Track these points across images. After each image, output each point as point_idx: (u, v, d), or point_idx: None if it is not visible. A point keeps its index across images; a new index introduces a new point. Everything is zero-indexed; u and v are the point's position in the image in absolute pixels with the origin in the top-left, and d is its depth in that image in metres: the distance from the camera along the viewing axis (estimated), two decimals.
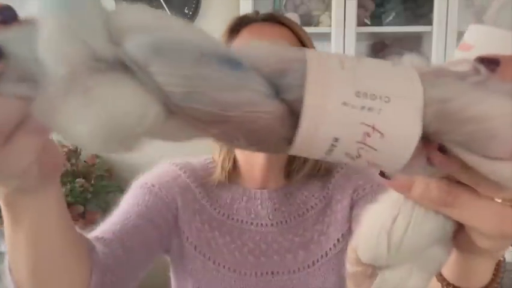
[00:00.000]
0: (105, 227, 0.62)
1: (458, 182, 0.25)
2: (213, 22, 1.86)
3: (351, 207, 0.70)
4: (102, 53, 0.21)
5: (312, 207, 0.72)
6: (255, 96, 0.22)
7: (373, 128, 0.22)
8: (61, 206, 0.41)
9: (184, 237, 0.70)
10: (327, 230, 0.70)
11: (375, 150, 0.23)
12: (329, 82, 0.22)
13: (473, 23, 0.28)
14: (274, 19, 0.69)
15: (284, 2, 1.78)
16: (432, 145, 0.24)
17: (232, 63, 0.22)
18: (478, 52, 0.24)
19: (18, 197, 0.36)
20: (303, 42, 0.69)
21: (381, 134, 0.22)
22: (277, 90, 0.23)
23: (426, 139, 0.23)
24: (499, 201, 0.26)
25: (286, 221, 0.71)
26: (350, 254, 0.31)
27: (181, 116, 0.22)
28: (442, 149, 0.23)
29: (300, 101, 0.22)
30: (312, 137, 0.22)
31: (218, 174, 0.72)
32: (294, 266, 0.69)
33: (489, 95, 0.22)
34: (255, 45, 0.24)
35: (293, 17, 1.70)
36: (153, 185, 0.70)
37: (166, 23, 0.22)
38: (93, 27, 0.21)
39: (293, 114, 0.22)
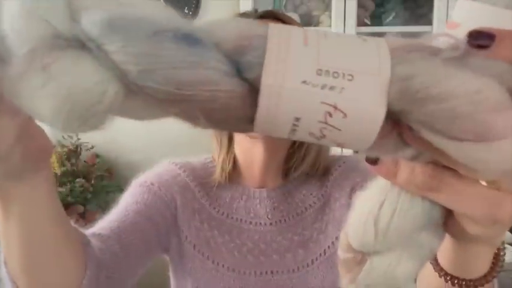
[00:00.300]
0: (103, 224, 0.62)
1: (444, 167, 0.24)
2: None
3: (349, 206, 0.69)
4: (62, 30, 0.20)
5: (310, 205, 0.72)
6: (213, 74, 0.21)
7: (335, 107, 0.21)
8: (52, 195, 0.41)
9: (183, 236, 0.70)
10: (325, 228, 0.70)
11: (339, 130, 0.22)
12: (288, 60, 0.21)
13: None
14: (271, 16, 0.69)
15: (284, 2, 1.78)
16: (404, 125, 0.22)
17: (190, 39, 0.21)
18: (465, 31, 0.22)
19: (7, 184, 0.36)
20: None
21: (344, 113, 0.21)
22: (238, 68, 0.22)
23: (396, 119, 0.22)
24: (485, 184, 0.25)
25: (285, 220, 0.71)
26: (342, 240, 0.30)
27: (141, 94, 0.21)
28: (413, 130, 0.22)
29: (260, 79, 0.21)
30: (273, 117, 0.22)
31: (218, 175, 0.72)
32: (293, 265, 0.69)
33: (459, 72, 0.21)
34: (217, 21, 0.23)
35: (293, 17, 1.70)
36: (152, 184, 0.70)
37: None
38: (53, 5, 0.21)
39: (255, 93, 0.22)
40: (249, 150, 0.70)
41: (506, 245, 1.32)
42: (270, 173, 0.72)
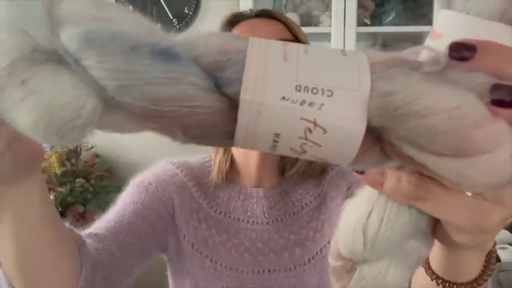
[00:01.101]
0: (100, 224, 0.62)
1: (430, 177, 0.24)
2: (213, 22, 1.86)
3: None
4: (42, 43, 0.20)
5: (306, 204, 0.72)
6: (191, 90, 0.21)
7: (314, 123, 0.21)
8: (44, 198, 0.41)
9: (182, 235, 0.70)
10: (322, 227, 0.71)
11: (319, 145, 0.22)
12: (267, 76, 0.21)
13: (444, 8, 0.27)
14: (268, 15, 0.69)
15: (284, 2, 1.78)
16: (385, 140, 0.23)
17: (168, 55, 0.21)
18: (447, 41, 0.22)
19: (0, 187, 0.36)
20: (297, 36, 0.69)
21: (324, 129, 0.21)
22: (217, 83, 0.22)
23: (378, 133, 0.22)
24: (470, 194, 0.25)
25: (281, 219, 0.71)
26: (332, 248, 0.30)
27: (119, 109, 0.21)
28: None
29: (239, 95, 0.21)
30: (253, 133, 0.22)
31: (215, 175, 0.73)
32: (290, 263, 0.69)
33: (439, 87, 0.21)
34: (197, 35, 0.23)
35: (293, 17, 1.70)
36: (150, 184, 0.70)
37: (105, 13, 0.22)
38: (34, 18, 0.21)
39: (234, 108, 0.21)
40: (246, 156, 0.71)
41: (507, 245, 1.32)
42: (266, 171, 0.72)
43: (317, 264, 0.69)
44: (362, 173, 0.27)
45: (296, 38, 0.69)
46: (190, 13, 1.82)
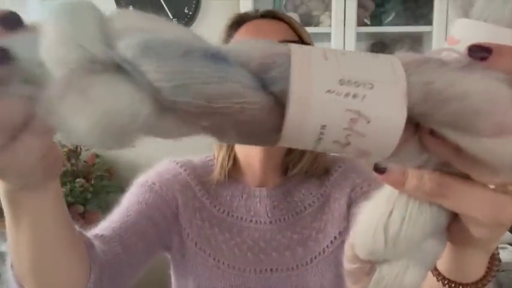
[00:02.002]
0: (105, 225, 0.63)
1: (451, 174, 0.26)
2: (213, 22, 1.86)
3: (349, 206, 0.70)
4: (97, 55, 0.22)
5: (309, 205, 0.72)
6: (240, 88, 0.23)
7: (359, 113, 0.22)
8: (60, 204, 0.42)
9: (185, 234, 0.71)
10: (324, 227, 0.71)
11: (363, 136, 0.23)
12: (312, 72, 0.23)
13: (461, 16, 0.28)
14: (272, 15, 0.70)
15: (284, 2, 1.78)
16: (424, 130, 0.24)
17: (217, 57, 0.23)
18: (464, 46, 0.24)
19: (21, 194, 0.37)
20: (301, 36, 0.69)
21: (367, 119, 0.22)
22: (263, 84, 0.24)
23: (416, 124, 0.24)
24: (493, 187, 0.26)
25: (284, 219, 0.71)
26: (347, 252, 0.31)
27: (173, 111, 0.23)
28: (433, 133, 0.24)
29: (285, 92, 0.23)
30: (300, 127, 0.23)
31: (217, 173, 0.73)
32: (292, 263, 0.69)
33: (471, 75, 0.23)
34: (241, 42, 0.26)
35: (293, 17, 1.70)
36: (154, 183, 0.71)
37: (155, 25, 0.24)
38: (89, 32, 0.23)
39: (280, 105, 0.23)
40: (248, 151, 0.71)
41: (507, 245, 1.32)
42: (269, 170, 0.72)
43: (320, 264, 0.69)
44: (383, 173, 0.28)
45: (300, 39, 0.69)
46: (190, 13, 1.82)
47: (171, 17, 1.82)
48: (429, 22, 1.70)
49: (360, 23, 1.71)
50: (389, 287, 0.28)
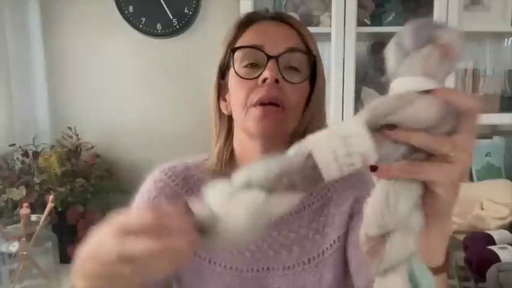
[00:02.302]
0: None
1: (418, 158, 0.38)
2: (212, 22, 1.86)
3: (350, 216, 0.70)
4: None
5: (309, 205, 0.72)
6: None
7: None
8: None
9: None
10: (322, 229, 0.71)
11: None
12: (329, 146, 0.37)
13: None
14: (282, 18, 0.70)
15: (284, 2, 1.78)
16: (385, 131, 0.37)
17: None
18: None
19: None
20: (308, 45, 0.70)
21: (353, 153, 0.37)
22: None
23: (380, 131, 0.37)
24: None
25: (281, 217, 0.71)
26: (361, 238, 0.41)
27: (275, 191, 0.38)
28: (391, 128, 0.37)
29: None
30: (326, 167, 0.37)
31: (212, 163, 0.73)
32: (288, 261, 0.69)
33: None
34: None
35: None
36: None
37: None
38: (254, 197, 0.38)
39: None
40: (247, 146, 0.71)
41: (506, 245, 1.32)
42: None
43: (319, 265, 0.69)
44: (375, 169, 0.38)
45: (307, 47, 0.69)
46: (190, 13, 1.82)
47: (171, 17, 1.82)
48: None
49: (360, 23, 1.71)
50: (398, 250, 0.38)
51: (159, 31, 1.83)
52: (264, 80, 0.64)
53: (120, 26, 1.83)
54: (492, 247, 1.30)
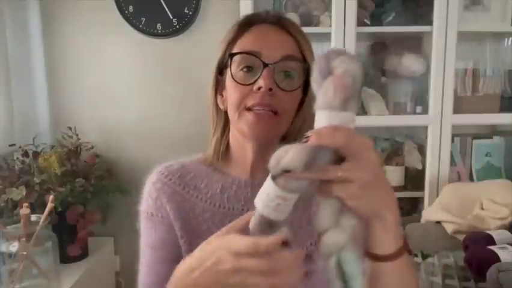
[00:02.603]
0: (154, 279, 0.72)
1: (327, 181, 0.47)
2: (212, 22, 1.86)
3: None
4: None
5: (300, 197, 0.74)
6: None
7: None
8: None
9: (181, 240, 0.73)
10: (314, 220, 0.72)
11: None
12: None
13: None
14: (280, 24, 0.72)
15: (284, 2, 1.78)
16: (284, 175, 0.47)
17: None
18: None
19: None
20: (304, 53, 0.72)
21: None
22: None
23: (281, 176, 0.47)
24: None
25: None
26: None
27: None
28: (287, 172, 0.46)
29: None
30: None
31: (209, 155, 0.76)
32: None
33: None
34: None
35: (293, 17, 1.70)
36: (152, 214, 0.75)
37: None
38: None
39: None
40: (241, 143, 0.73)
41: (506, 245, 1.32)
42: (260, 162, 0.73)
43: (311, 255, 0.71)
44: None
45: (303, 56, 0.71)
46: (190, 13, 1.82)
47: (171, 17, 1.82)
48: (429, 22, 1.70)
49: (360, 23, 1.71)
50: (327, 245, 0.48)
51: (159, 31, 1.83)
52: (259, 88, 0.66)
53: (120, 26, 1.83)
54: (492, 247, 1.30)
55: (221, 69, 0.74)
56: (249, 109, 0.67)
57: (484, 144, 1.87)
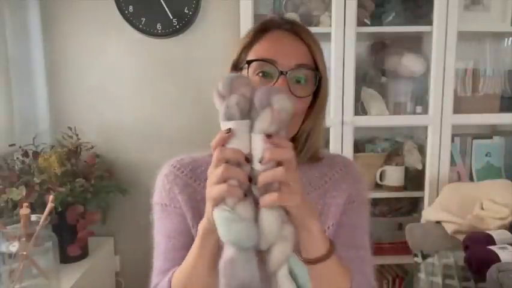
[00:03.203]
0: (168, 266, 0.75)
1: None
2: (212, 22, 1.86)
3: (343, 211, 0.80)
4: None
5: (307, 193, 0.79)
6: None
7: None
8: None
9: (192, 228, 0.75)
10: (319, 216, 0.75)
11: None
12: None
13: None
14: (294, 31, 0.75)
15: (284, 2, 1.78)
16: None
17: None
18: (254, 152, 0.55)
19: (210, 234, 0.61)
20: (316, 61, 0.75)
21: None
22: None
23: None
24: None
25: None
26: None
27: None
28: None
29: None
30: None
31: None
32: None
33: None
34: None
35: (293, 17, 1.70)
36: (166, 205, 0.78)
37: None
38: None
39: None
40: None
41: (507, 245, 1.32)
42: None
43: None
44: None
45: (315, 64, 0.75)
46: (190, 13, 1.82)
47: (171, 17, 1.82)
48: (429, 22, 1.70)
49: (360, 23, 1.71)
50: (277, 256, 0.55)
51: (159, 31, 1.83)
52: None
53: (120, 26, 1.83)
54: (492, 247, 1.30)
55: (235, 69, 0.77)
56: None
57: (484, 144, 1.87)
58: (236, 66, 0.77)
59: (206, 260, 0.64)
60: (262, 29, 0.76)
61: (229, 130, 0.54)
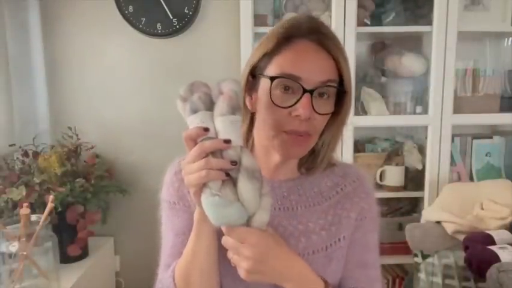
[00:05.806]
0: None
1: None
2: (212, 22, 1.86)
3: (357, 226, 0.77)
4: None
5: (318, 203, 0.77)
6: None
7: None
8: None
9: None
10: (328, 227, 0.75)
11: None
12: None
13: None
14: (320, 41, 0.69)
15: (284, 2, 1.78)
16: None
17: None
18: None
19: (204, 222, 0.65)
20: (342, 75, 0.70)
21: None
22: None
23: None
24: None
25: (293, 209, 0.76)
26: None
27: None
28: None
29: None
30: None
31: None
32: (296, 251, 0.71)
33: None
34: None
35: None
36: (175, 203, 0.78)
37: None
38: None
39: None
40: (268, 149, 0.75)
41: (506, 245, 1.32)
42: (282, 171, 0.77)
43: (322, 260, 0.74)
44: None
45: (341, 79, 0.70)
46: (190, 13, 1.82)
47: (171, 17, 1.82)
48: (429, 22, 1.70)
49: (360, 23, 1.71)
50: (264, 223, 0.61)
51: (159, 31, 1.83)
52: (297, 115, 0.67)
53: (120, 26, 1.83)
54: (492, 247, 1.30)
55: (253, 73, 0.73)
56: (286, 133, 0.68)
57: (484, 144, 1.87)
58: (254, 69, 0.73)
59: (204, 246, 0.67)
60: (286, 37, 0.69)
61: (207, 129, 0.61)
